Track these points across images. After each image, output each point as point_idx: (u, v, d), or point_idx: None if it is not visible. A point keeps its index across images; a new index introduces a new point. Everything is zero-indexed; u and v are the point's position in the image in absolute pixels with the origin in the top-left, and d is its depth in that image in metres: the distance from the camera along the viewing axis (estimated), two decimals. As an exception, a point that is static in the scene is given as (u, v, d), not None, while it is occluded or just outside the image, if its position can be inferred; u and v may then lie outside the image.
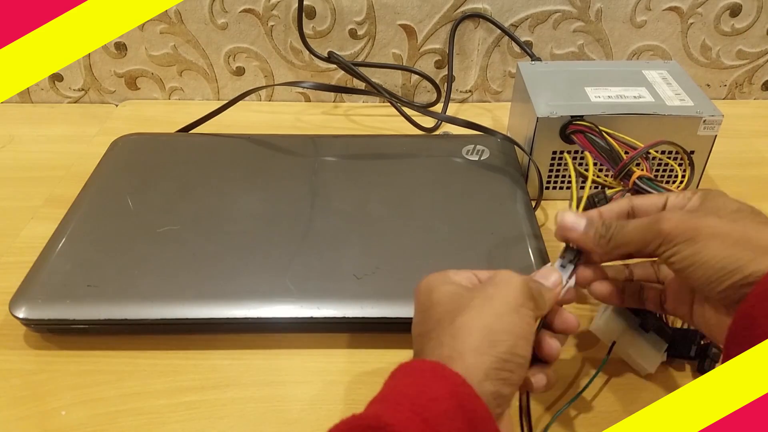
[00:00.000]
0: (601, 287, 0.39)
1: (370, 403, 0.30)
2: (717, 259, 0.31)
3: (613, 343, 0.42)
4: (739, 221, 0.33)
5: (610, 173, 0.49)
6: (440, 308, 0.33)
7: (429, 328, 0.33)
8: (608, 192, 0.47)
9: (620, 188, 0.48)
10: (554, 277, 0.37)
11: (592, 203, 0.44)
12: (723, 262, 0.31)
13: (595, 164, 0.57)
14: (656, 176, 0.58)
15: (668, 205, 0.37)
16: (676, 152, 0.56)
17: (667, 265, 0.34)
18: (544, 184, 0.58)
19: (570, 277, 0.38)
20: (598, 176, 0.51)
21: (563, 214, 0.38)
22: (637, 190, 0.46)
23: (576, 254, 0.38)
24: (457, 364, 0.30)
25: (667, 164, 0.57)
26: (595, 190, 0.45)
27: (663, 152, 0.56)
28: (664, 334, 0.42)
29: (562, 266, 0.38)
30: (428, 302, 0.34)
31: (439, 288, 0.34)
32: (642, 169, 0.47)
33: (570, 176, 0.58)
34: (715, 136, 0.55)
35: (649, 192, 0.45)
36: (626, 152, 0.49)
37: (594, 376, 0.41)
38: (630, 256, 0.36)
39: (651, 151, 0.49)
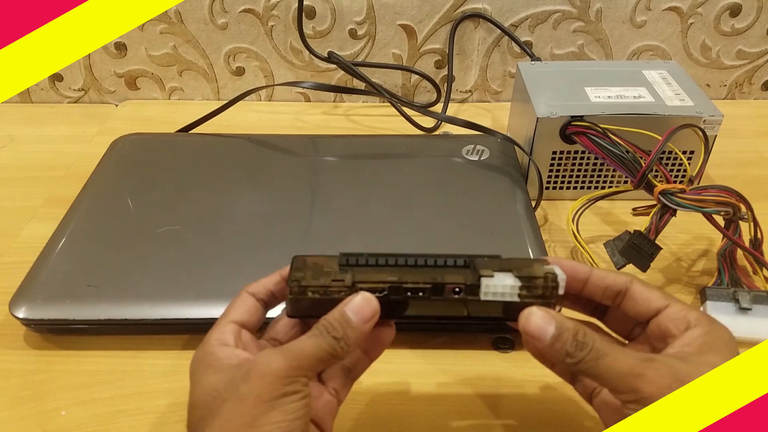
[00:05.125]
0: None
1: None
2: None
3: None
4: None
5: (624, 178, 0.48)
6: (197, 414, 0.29)
7: (189, 430, 0.29)
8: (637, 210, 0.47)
9: (652, 204, 0.47)
10: (367, 310, 0.30)
11: (636, 249, 0.44)
12: None
13: (602, 165, 0.57)
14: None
15: (665, 314, 0.31)
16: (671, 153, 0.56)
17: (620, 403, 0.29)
18: (544, 184, 0.58)
19: None
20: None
21: (530, 314, 0.30)
22: (665, 204, 0.46)
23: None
24: None
25: (676, 158, 0.57)
26: (636, 235, 0.45)
27: (662, 153, 0.56)
28: None
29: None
30: (190, 400, 0.30)
31: (200, 381, 0.29)
32: (660, 177, 0.47)
33: (569, 176, 0.58)
34: (715, 136, 0.55)
35: (673, 207, 0.45)
36: (641, 156, 0.49)
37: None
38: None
39: (670, 145, 0.47)
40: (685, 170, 0.57)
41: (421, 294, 0.31)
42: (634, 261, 0.46)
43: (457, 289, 0.31)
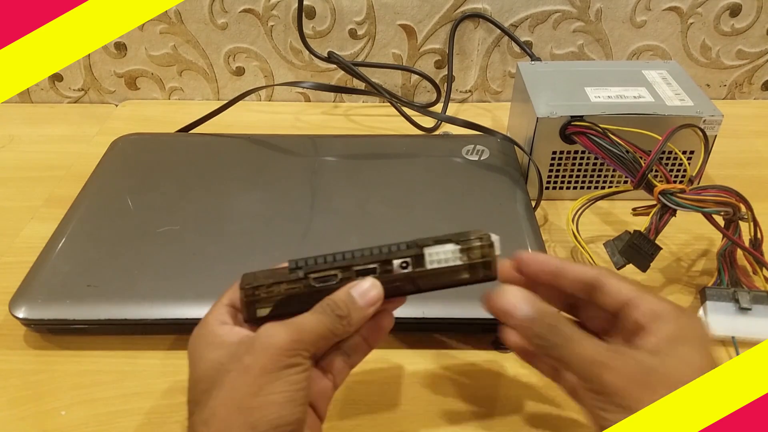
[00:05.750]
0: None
1: None
2: None
3: None
4: None
5: (623, 178, 0.48)
6: (201, 387, 0.29)
7: (191, 406, 0.30)
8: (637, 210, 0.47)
9: (652, 204, 0.47)
10: (373, 294, 0.31)
11: (635, 249, 0.44)
12: None
13: (602, 165, 0.57)
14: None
15: (634, 306, 0.31)
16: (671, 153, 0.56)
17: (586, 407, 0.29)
18: (544, 184, 0.58)
19: None
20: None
21: (505, 291, 0.32)
22: (665, 205, 0.46)
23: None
24: None
25: (675, 158, 0.57)
26: (636, 235, 0.45)
27: (662, 153, 0.56)
28: None
29: None
30: (192, 376, 0.30)
31: (202, 357, 0.30)
32: (660, 177, 0.47)
33: (569, 176, 0.58)
34: (715, 136, 0.55)
35: (672, 208, 0.45)
36: (641, 156, 0.49)
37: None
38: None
39: (670, 146, 0.48)
40: (684, 170, 0.57)
41: (373, 275, 0.32)
42: (634, 261, 0.46)
43: (404, 264, 0.32)
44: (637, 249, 0.46)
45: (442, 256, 0.33)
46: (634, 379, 0.28)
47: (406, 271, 0.32)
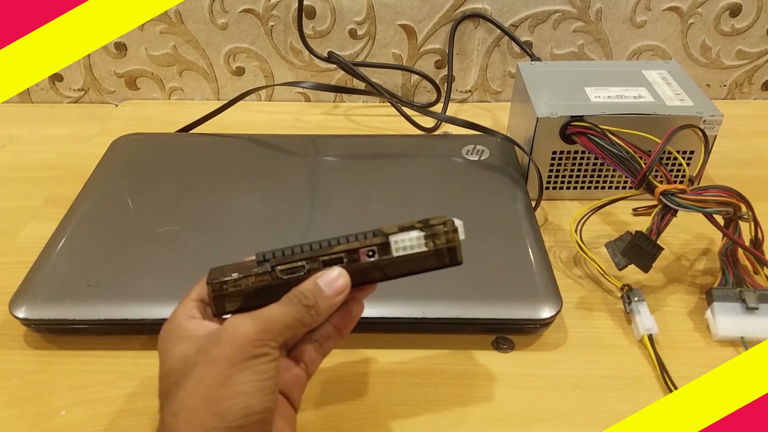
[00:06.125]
0: None
1: None
2: None
3: None
4: None
5: (623, 178, 0.48)
6: (170, 380, 0.30)
7: (162, 399, 0.30)
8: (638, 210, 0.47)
9: (653, 205, 0.47)
10: (339, 283, 0.32)
11: (637, 249, 0.45)
12: None
13: (602, 165, 0.57)
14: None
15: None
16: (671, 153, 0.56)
17: None
18: (544, 185, 0.58)
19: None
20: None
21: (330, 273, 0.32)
22: (666, 205, 0.46)
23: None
24: None
25: (675, 158, 0.57)
26: (638, 236, 0.45)
27: (662, 153, 0.56)
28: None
29: None
30: (162, 370, 0.31)
31: (171, 351, 0.31)
32: (660, 177, 0.47)
33: (569, 176, 0.58)
34: (715, 136, 0.55)
35: (674, 208, 0.45)
36: (641, 156, 0.49)
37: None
38: None
39: (669, 149, 0.48)
40: (681, 177, 0.57)
41: (340, 265, 0.32)
42: (635, 262, 0.46)
43: (370, 252, 0.33)
44: (638, 250, 0.46)
45: (407, 243, 0.33)
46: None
47: (372, 259, 0.33)
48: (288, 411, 0.33)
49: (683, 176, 0.57)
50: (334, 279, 0.32)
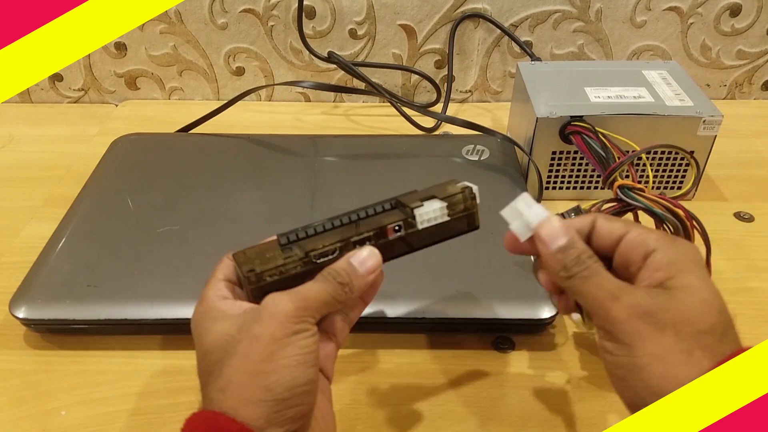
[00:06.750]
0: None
1: None
2: (642, 392, 0.28)
3: None
4: (695, 353, 0.27)
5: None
6: (211, 357, 0.31)
7: (204, 376, 0.31)
8: (585, 206, 0.46)
9: (599, 201, 0.46)
10: (372, 262, 0.33)
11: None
12: (647, 399, 0.27)
13: (587, 167, 0.57)
14: (656, 181, 0.58)
15: (625, 240, 0.32)
16: (676, 153, 0.56)
17: (602, 357, 0.30)
18: (544, 184, 0.58)
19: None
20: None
21: (549, 220, 0.32)
22: (620, 200, 0.45)
23: None
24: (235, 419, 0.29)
25: (667, 167, 0.57)
26: (574, 209, 0.44)
27: (663, 153, 0.56)
28: None
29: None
30: (200, 348, 0.32)
31: (209, 330, 0.31)
32: (628, 177, 0.46)
33: (568, 176, 0.58)
34: (715, 136, 0.55)
35: (629, 203, 0.44)
36: (619, 157, 0.49)
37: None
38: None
39: (643, 156, 0.48)
40: (682, 177, 0.57)
41: (369, 242, 0.33)
42: None
43: (396, 227, 0.34)
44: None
45: (431, 215, 0.34)
46: (635, 313, 0.28)
47: (399, 234, 0.34)
48: (323, 383, 0.34)
49: (680, 187, 0.57)
50: (366, 258, 0.33)
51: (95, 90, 0.77)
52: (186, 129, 0.66)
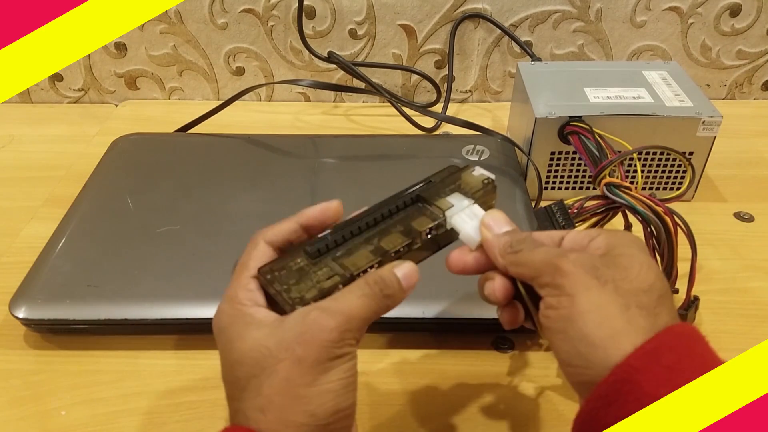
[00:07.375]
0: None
1: None
2: (578, 344, 0.28)
3: None
4: (632, 309, 0.28)
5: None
6: (244, 369, 0.29)
7: (235, 387, 0.30)
8: (568, 201, 0.46)
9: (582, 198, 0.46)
10: (414, 278, 0.32)
11: (550, 213, 0.44)
12: (582, 350, 0.28)
13: (586, 167, 0.57)
14: (655, 181, 0.58)
15: (564, 241, 0.33)
16: (669, 155, 0.56)
17: (542, 319, 0.31)
18: (543, 184, 0.58)
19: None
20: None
21: (496, 211, 0.34)
22: (605, 197, 0.45)
23: None
24: None
25: (666, 168, 0.57)
26: (558, 203, 0.44)
27: (662, 154, 0.56)
28: None
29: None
30: (229, 354, 0.30)
31: (242, 336, 0.30)
32: (617, 176, 0.46)
33: (567, 176, 0.58)
34: (715, 137, 0.55)
35: (613, 200, 0.44)
36: (611, 156, 0.49)
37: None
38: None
39: (634, 156, 0.48)
40: (681, 178, 0.57)
41: (403, 249, 0.33)
42: (541, 225, 0.44)
43: (428, 231, 0.34)
44: (549, 216, 0.44)
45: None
46: (583, 266, 0.30)
47: (430, 236, 0.34)
48: None
49: (678, 187, 0.57)
50: (410, 274, 0.32)
51: (95, 90, 0.77)
52: (185, 129, 0.65)
